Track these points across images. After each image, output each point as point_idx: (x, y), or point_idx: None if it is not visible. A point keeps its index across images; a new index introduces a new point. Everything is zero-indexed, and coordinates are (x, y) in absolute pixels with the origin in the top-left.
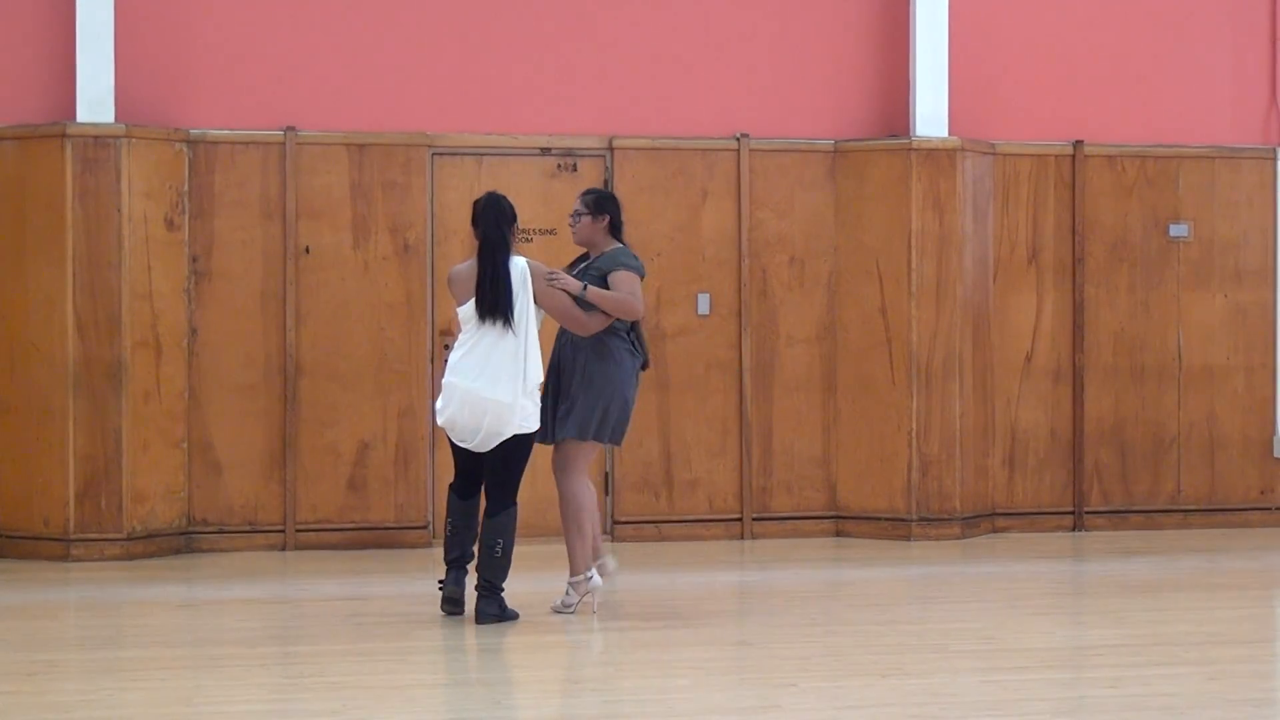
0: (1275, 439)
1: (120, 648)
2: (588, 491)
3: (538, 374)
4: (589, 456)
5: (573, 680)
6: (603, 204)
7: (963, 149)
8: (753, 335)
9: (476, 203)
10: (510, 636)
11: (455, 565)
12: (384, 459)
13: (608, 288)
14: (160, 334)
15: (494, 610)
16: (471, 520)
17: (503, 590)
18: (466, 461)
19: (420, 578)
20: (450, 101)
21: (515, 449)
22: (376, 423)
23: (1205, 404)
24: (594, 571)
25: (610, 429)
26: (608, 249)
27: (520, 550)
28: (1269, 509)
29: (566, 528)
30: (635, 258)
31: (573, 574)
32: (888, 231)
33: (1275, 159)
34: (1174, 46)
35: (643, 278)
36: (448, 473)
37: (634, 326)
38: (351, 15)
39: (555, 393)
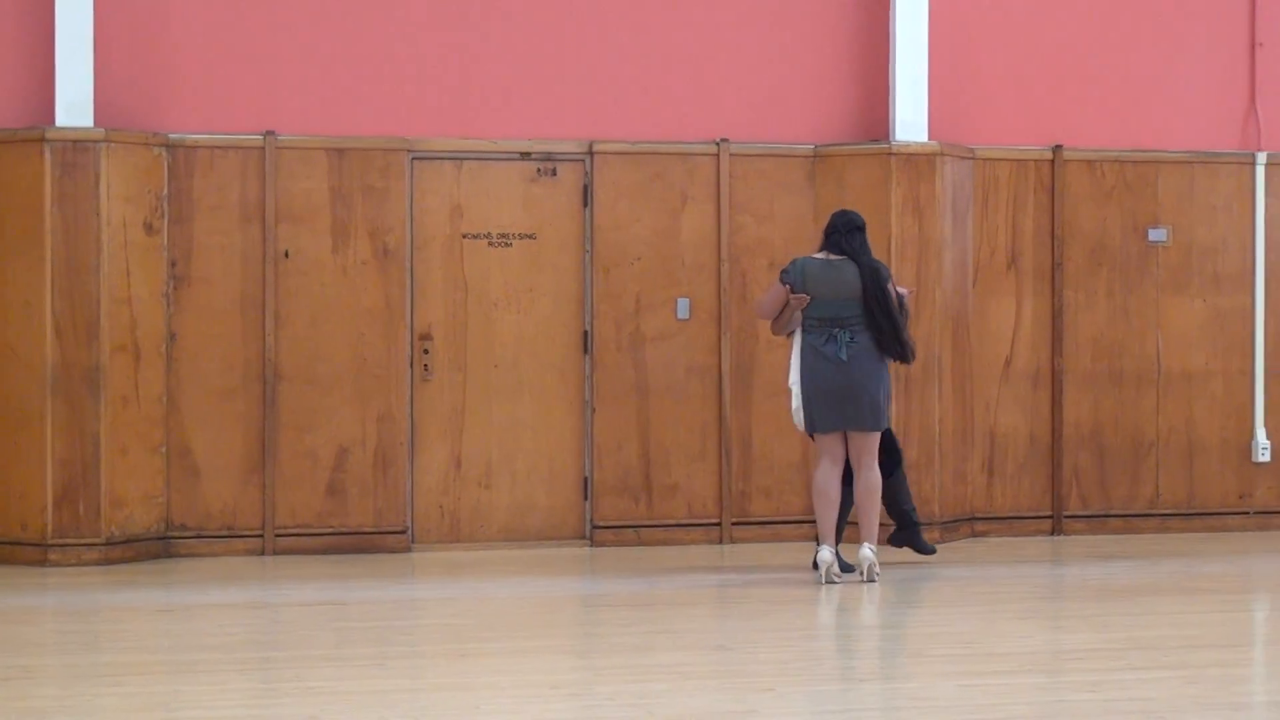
0: (1253, 444)
1: (98, 653)
2: (817, 475)
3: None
4: (820, 445)
5: (551, 685)
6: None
7: (942, 153)
8: (732, 339)
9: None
10: (490, 642)
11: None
12: (363, 464)
13: None
14: (139, 339)
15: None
16: None
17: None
18: None
19: (399, 582)
20: (430, 105)
21: None
22: (355, 427)
23: (1184, 408)
24: (824, 549)
25: (810, 419)
26: None
27: (506, 554)
28: (1247, 513)
29: (873, 504)
30: (794, 261)
31: (873, 541)
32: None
33: (1254, 164)
34: (1153, 51)
35: (786, 284)
36: (426, 477)
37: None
38: (330, 19)
39: None
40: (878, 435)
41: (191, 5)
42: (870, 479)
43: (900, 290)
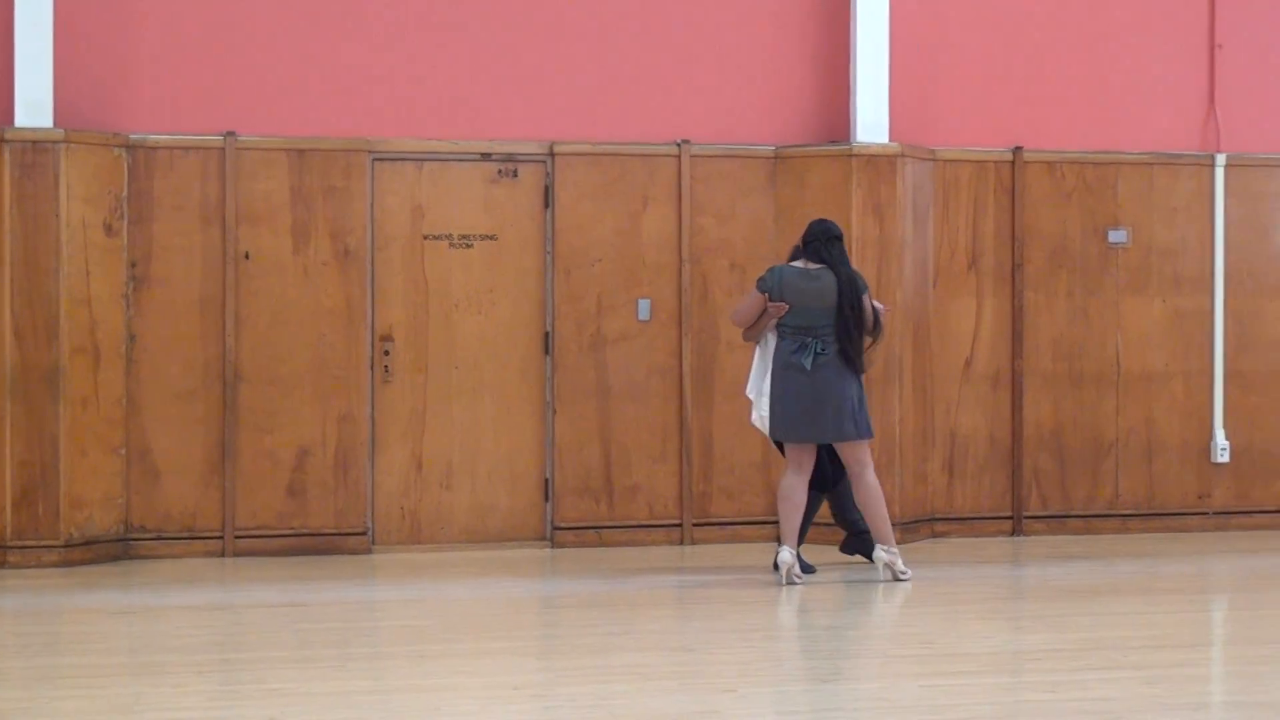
0: (1212, 444)
1: (58, 655)
2: (784, 482)
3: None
4: (789, 452)
5: (512, 686)
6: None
7: (903, 155)
8: (693, 341)
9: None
10: (451, 644)
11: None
12: (323, 465)
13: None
14: (99, 340)
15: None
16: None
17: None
18: None
19: (359, 584)
20: (391, 107)
21: None
22: (316, 428)
23: (1143, 409)
24: (784, 550)
25: (774, 426)
26: None
27: (467, 555)
28: (1206, 514)
29: (877, 507)
30: (771, 270)
31: (886, 543)
32: None
33: (1213, 165)
34: (1113, 53)
35: (764, 292)
36: (387, 478)
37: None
38: (291, 20)
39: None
40: (863, 443)
41: (152, 5)
42: (869, 482)
43: (877, 305)
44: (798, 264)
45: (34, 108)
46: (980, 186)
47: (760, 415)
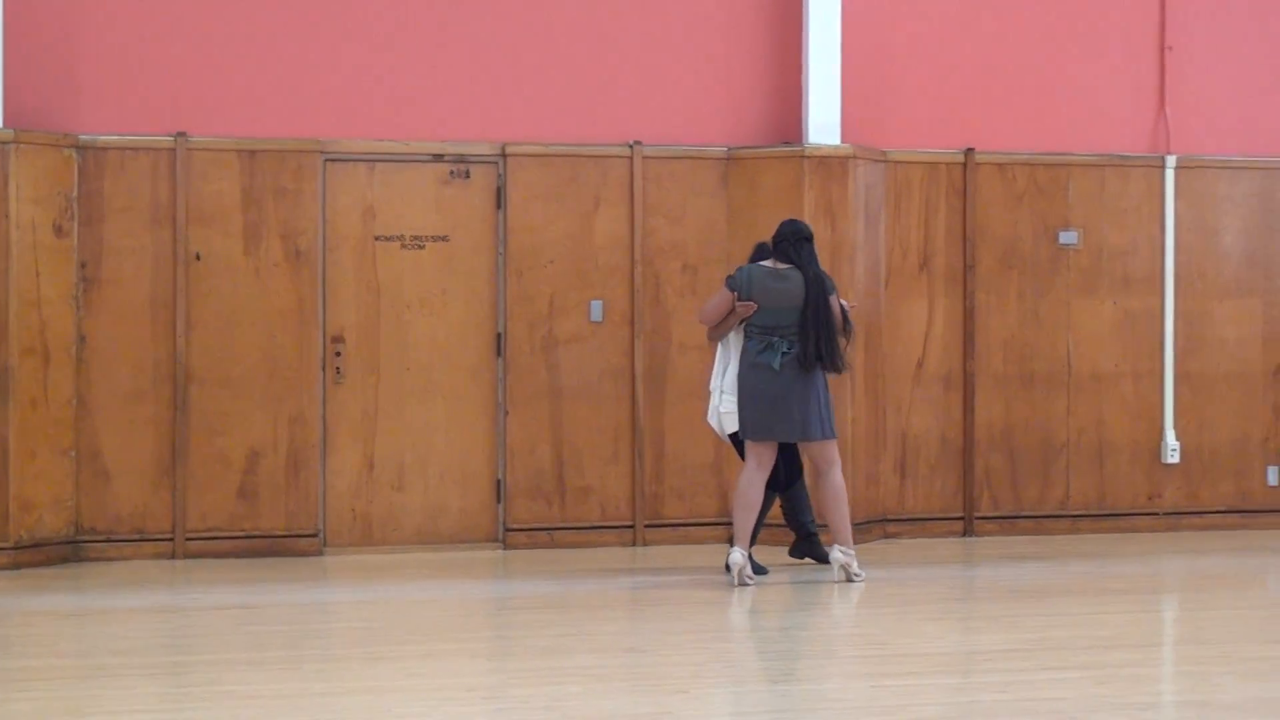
0: (1163, 445)
1: (7, 658)
2: (742, 478)
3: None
4: (750, 450)
5: (465, 688)
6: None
7: (855, 156)
8: (645, 342)
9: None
10: (403, 646)
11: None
12: (274, 467)
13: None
14: (48, 341)
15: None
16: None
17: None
18: None
19: (311, 586)
20: (343, 107)
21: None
22: (267, 430)
23: (1094, 410)
24: (736, 551)
25: (742, 425)
26: None
27: (418, 557)
28: (1156, 514)
29: (838, 508)
30: (740, 269)
31: (844, 544)
32: None
33: (1164, 167)
34: (1064, 55)
35: (733, 291)
36: (339, 480)
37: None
38: (242, 20)
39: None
40: (830, 443)
41: (102, 6)
42: (833, 482)
43: (843, 303)
44: (766, 264)
45: None
46: (932, 188)
47: (721, 412)
